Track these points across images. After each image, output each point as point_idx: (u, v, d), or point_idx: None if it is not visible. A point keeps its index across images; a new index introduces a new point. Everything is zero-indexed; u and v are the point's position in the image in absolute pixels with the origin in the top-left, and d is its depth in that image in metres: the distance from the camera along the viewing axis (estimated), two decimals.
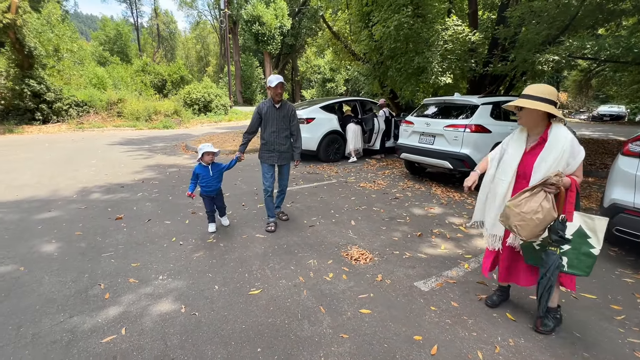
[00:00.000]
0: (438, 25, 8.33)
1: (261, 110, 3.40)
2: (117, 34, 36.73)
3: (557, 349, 1.93)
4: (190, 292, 2.43)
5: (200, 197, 3.55)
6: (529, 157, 1.96)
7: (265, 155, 3.56)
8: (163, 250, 3.08)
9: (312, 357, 1.84)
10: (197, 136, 11.35)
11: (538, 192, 1.81)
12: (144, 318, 2.13)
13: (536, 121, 1.93)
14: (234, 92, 29.20)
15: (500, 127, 5.05)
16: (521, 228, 1.82)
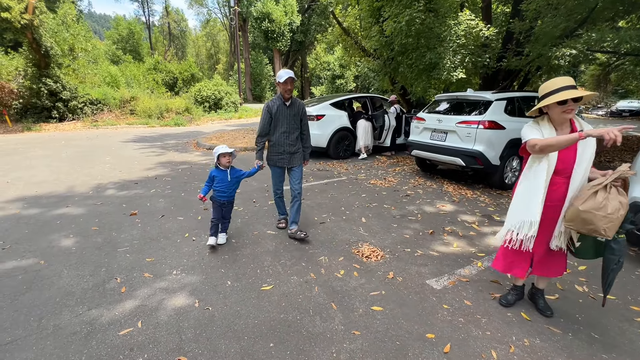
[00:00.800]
0: (450, 20, 8.18)
1: (271, 109, 3.12)
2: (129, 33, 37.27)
3: (574, 350, 1.89)
4: (204, 287, 2.47)
5: (205, 201, 3.27)
6: (566, 152, 1.88)
7: (274, 158, 3.28)
8: (176, 246, 3.14)
9: (324, 353, 1.85)
10: (208, 133, 11.47)
11: (610, 190, 1.76)
12: (159, 312, 2.18)
13: None
14: (243, 90, 29.34)
15: (515, 123, 4.94)
16: (609, 229, 1.74)
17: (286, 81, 3.01)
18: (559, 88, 1.85)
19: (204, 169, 6.34)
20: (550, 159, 1.89)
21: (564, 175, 1.90)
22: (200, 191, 3.05)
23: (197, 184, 5.29)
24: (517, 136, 4.98)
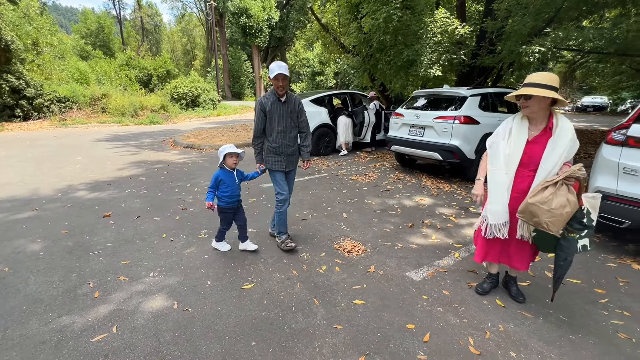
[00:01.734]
0: (427, 18, 8.33)
1: (265, 107, 2.79)
2: (98, 27, 35.59)
3: (545, 332, 1.99)
4: (183, 288, 2.41)
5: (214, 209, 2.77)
6: (533, 146, 1.96)
7: (271, 161, 2.91)
8: (153, 247, 3.04)
9: (307, 348, 1.85)
10: (185, 131, 11.16)
11: (561, 187, 1.83)
12: (135, 315, 2.11)
13: (543, 109, 1.93)
14: (222, 87, 28.76)
15: (489, 118, 5.11)
16: (552, 224, 1.82)
17: (277, 77, 2.66)
18: (525, 83, 1.94)
19: (181, 168, 6.17)
20: (506, 156, 2.03)
21: (529, 169, 1.98)
22: (206, 199, 2.68)
23: (174, 183, 5.15)
24: (491, 130, 5.14)
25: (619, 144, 2.80)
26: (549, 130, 1.93)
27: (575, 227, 1.86)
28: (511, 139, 2.03)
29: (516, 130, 2.03)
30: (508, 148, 2.02)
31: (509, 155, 2.01)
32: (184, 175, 5.66)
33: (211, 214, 3.87)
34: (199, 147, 8.33)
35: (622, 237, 3.26)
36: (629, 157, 2.70)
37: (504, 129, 2.10)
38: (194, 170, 6.03)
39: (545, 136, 1.94)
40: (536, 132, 1.98)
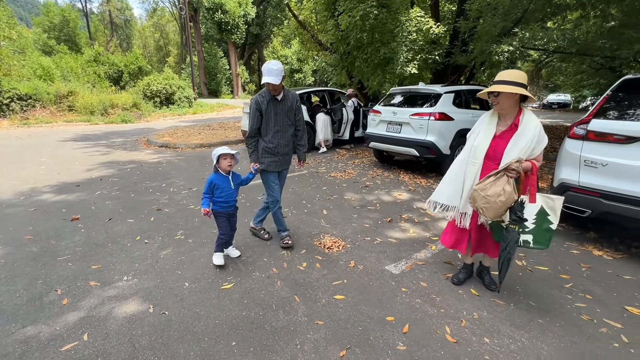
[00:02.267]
0: (402, 16, 8.47)
1: (260, 105, 2.69)
2: (63, 21, 33.59)
3: (516, 318, 2.09)
4: (159, 291, 2.33)
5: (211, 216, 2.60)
6: (499, 141, 2.06)
7: (266, 161, 2.83)
8: (127, 250, 2.92)
9: (288, 345, 1.85)
10: (160, 130, 10.79)
11: (501, 177, 1.94)
12: (108, 321, 2.02)
13: (512, 106, 2.02)
14: (198, 84, 27.98)
15: (463, 114, 5.28)
16: (486, 210, 1.96)
17: (266, 84, 2.62)
18: (495, 81, 2.02)
19: (155, 168, 5.96)
20: (474, 148, 2.14)
21: (494, 162, 2.08)
22: (202, 206, 2.51)
23: (148, 183, 4.96)
24: (465, 127, 5.33)
25: (580, 138, 2.97)
26: (515, 127, 2.02)
27: (513, 219, 1.98)
28: (481, 133, 2.14)
29: (486, 125, 2.14)
30: (476, 140, 2.14)
31: (476, 147, 2.13)
32: (158, 175, 5.47)
33: (187, 213, 3.78)
34: (174, 146, 8.08)
35: (584, 225, 3.47)
36: (589, 150, 2.87)
37: (479, 124, 2.21)
38: (169, 170, 5.85)
39: (511, 132, 2.03)
40: (504, 128, 2.07)
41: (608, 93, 3.00)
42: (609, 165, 2.73)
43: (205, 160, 6.60)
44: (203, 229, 3.38)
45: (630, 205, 2.62)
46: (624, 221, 2.76)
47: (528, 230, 2.02)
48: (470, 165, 2.15)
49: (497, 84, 1.99)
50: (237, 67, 31.75)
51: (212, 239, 3.15)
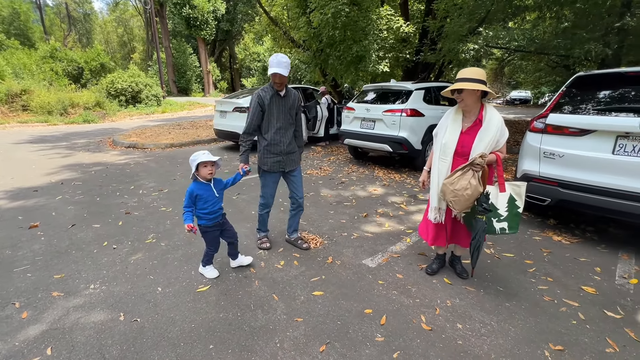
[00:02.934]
0: (373, 15, 8.59)
1: (263, 101, 2.55)
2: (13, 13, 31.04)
3: (485, 303, 2.20)
4: (129, 298, 2.23)
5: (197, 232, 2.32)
6: (466, 137, 2.15)
7: (269, 161, 2.68)
8: (93, 257, 2.77)
9: (268, 345, 1.84)
10: (126, 130, 10.28)
11: (467, 171, 2.04)
12: (74, 333, 1.90)
13: (475, 102, 2.11)
14: (166, 82, 26.89)
15: (432, 110, 5.45)
16: (455, 203, 2.07)
17: (274, 74, 2.48)
18: (457, 79, 2.11)
19: (123, 170, 5.67)
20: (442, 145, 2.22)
21: (463, 157, 2.17)
22: (184, 221, 2.20)
23: (115, 186, 4.72)
24: (435, 122, 5.47)
25: (540, 132, 3.16)
26: (480, 122, 2.12)
27: (479, 210, 2.08)
28: (448, 130, 2.22)
29: (452, 122, 2.22)
30: (444, 138, 2.22)
31: (445, 144, 2.21)
32: (126, 177, 5.21)
33: (159, 215, 3.64)
34: (142, 146, 7.73)
35: (545, 213, 3.71)
36: (548, 143, 3.07)
37: (444, 120, 2.29)
38: (137, 171, 5.59)
39: (476, 127, 2.13)
40: (469, 124, 2.17)
41: (563, 89, 3.21)
42: (565, 156, 2.93)
43: (177, 161, 6.38)
44: (176, 231, 3.27)
45: (584, 193, 2.82)
46: (579, 208, 2.98)
47: (503, 218, 2.14)
48: (441, 162, 2.24)
49: (460, 81, 2.07)
50: (208, 64, 30.84)
51: (186, 241, 3.06)
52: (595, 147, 2.78)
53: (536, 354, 1.77)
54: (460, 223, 2.34)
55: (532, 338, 1.88)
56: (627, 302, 2.21)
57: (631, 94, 2.86)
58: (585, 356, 1.76)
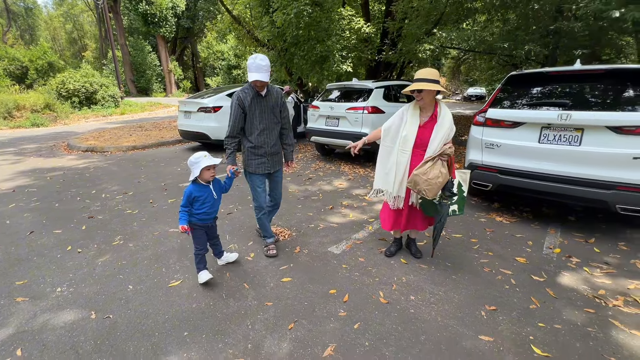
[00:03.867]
0: (335, 15, 8.84)
1: (243, 102, 2.50)
2: None
3: (435, 277, 2.49)
4: (100, 297, 2.26)
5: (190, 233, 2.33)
6: (424, 130, 2.37)
7: (253, 163, 2.65)
8: (57, 262, 2.73)
9: (240, 327, 1.98)
10: (82, 133, 9.74)
11: (437, 161, 2.28)
12: (44, 333, 1.92)
13: (432, 99, 2.34)
14: (124, 82, 25.53)
15: (392, 107, 5.79)
16: (428, 190, 2.26)
17: (255, 82, 2.45)
18: (415, 79, 2.30)
19: (82, 174, 5.45)
20: (403, 138, 2.42)
21: (422, 149, 2.40)
22: (179, 221, 2.21)
23: (75, 191, 4.56)
24: None
25: (481, 125, 3.54)
26: (435, 118, 2.36)
27: (446, 195, 2.36)
28: (407, 124, 2.42)
29: (410, 117, 2.42)
30: (404, 131, 2.42)
31: (405, 137, 2.41)
32: (86, 181, 5.03)
33: (125, 218, 3.62)
34: (102, 149, 7.41)
35: (491, 198, 4.14)
36: (488, 135, 3.45)
37: (400, 116, 2.50)
38: (98, 175, 5.40)
39: (433, 122, 2.37)
40: (426, 119, 2.39)
41: (499, 87, 3.62)
42: (502, 146, 3.33)
43: (140, 164, 6.22)
44: (144, 232, 3.28)
45: (517, 178, 3.23)
46: (515, 191, 3.40)
47: (454, 202, 2.44)
48: (401, 153, 2.43)
49: (419, 82, 2.26)
50: (169, 63, 29.66)
51: (155, 241, 3.09)
52: (525, 137, 3.19)
53: (474, 314, 2.08)
54: (416, 209, 2.58)
55: (471, 302, 2.19)
56: (550, 267, 2.60)
57: (553, 91, 3.31)
58: (513, 312, 2.09)
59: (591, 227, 3.32)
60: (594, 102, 3.05)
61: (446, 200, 2.38)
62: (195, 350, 1.81)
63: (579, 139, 2.92)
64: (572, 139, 2.95)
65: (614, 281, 2.41)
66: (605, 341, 1.85)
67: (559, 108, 3.06)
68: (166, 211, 3.84)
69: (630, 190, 2.70)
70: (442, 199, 2.36)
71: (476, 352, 1.79)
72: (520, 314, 2.08)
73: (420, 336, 1.90)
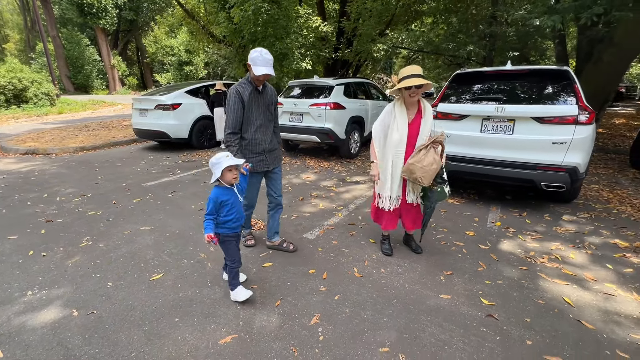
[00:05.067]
0: (293, 13, 8.98)
1: (242, 96, 2.41)
2: None
3: (401, 252, 2.81)
4: (78, 295, 2.24)
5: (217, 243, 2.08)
6: (412, 127, 2.41)
7: (252, 161, 2.52)
8: (20, 267, 2.59)
9: (229, 309, 2.11)
10: (17, 135, 8.76)
11: (430, 149, 2.33)
12: (24, 335, 1.88)
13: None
14: (58, 77, 23.13)
15: (352, 103, 6.13)
16: (424, 178, 2.32)
17: (264, 75, 2.36)
18: (406, 76, 2.28)
19: (26, 178, 5.02)
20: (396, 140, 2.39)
21: (411, 145, 2.45)
22: (205, 230, 1.96)
23: (23, 195, 4.22)
24: (356, 114, 6.21)
25: (433, 118, 3.96)
26: (420, 113, 2.42)
27: (438, 181, 2.43)
28: (398, 125, 2.40)
29: (399, 116, 2.40)
30: (397, 133, 2.40)
31: (399, 139, 2.41)
32: (34, 185, 4.66)
33: (89, 219, 3.49)
34: (45, 152, 6.80)
35: None
36: (439, 126, 3.89)
37: (389, 116, 2.45)
38: (46, 179, 5.01)
39: (419, 118, 2.42)
40: (412, 116, 2.42)
41: (447, 84, 4.09)
42: (451, 136, 3.78)
43: (94, 165, 5.86)
44: (112, 232, 3.20)
45: (464, 164, 3.71)
46: (463, 175, 3.88)
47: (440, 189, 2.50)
48: (398, 154, 2.43)
49: (413, 77, 2.24)
50: (111, 57, 27.40)
51: (128, 239, 3.05)
52: (469, 128, 3.67)
53: (435, 279, 2.42)
54: (412, 209, 2.64)
55: (432, 270, 2.54)
56: (493, 237, 3.07)
57: (490, 87, 3.83)
58: (465, 275, 2.48)
59: (524, 203, 3.91)
60: (523, 97, 3.60)
61: (436, 187, 2.44)
62: (189, 332, 1.91)
63: (511, 129, 3.45)
64: (506, 128, 3.47)
65: (541, 244, 2.93)
66: (534, 289, 2.29)
67: (495, 102, 3.57)
68: (133, 210, 3.75)
69: (551, 170, 3.27)
70: (433, 185, 2.42)
71: (438, 307, 2.12)
72: (471, 275, 2.47)
73: (391, 300, 2.19)
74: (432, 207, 2.57)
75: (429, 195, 2.52)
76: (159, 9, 28.15)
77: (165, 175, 5.18)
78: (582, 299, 2.18)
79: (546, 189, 3.40)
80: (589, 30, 6.10)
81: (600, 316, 2.03)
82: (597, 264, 2.60)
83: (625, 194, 4.13)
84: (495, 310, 2.08)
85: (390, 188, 2.53)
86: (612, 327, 1.94)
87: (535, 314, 2.04)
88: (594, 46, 6.27)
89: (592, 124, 3.23)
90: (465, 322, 1.98)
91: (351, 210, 3.76)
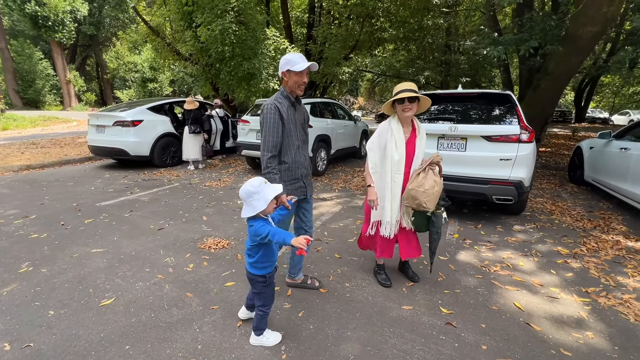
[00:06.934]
0: (260, 35, 9.17)
1: (282, 114, 2.05)
2: None
3: (365, 266, 2.85)
4: (13, 327, 2.00)
5: None
6: (409, 146, 2.26)
7: (290, 188, 2.16)
8: None
9: (187, 332, 2.00)
10: None
11: (428, 171, 2.21)
12: None
13: None
14: (4, 91, 21.45)
15: (319, 122, 6.28)
16: (428, 202, 2.15)
17: (303, 72, 2.02)
18: (400, 90, 2.20)
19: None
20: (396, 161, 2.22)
21: (407, 166, 2.29)
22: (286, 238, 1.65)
23: None
24: (322, 132, 6.35)
25: None
26: (415, 131, 2.30)
27: (440, 204, 2.28)
28: (396, 143, 2.23)
29: (397, 134, 2.23)
30: (397, 154, 2.22)
31: (399, 160, 2.24)
32: None
33: (30, 243, 3.20)
34: None
35: None
36: None
37: (386, 134, 2.26)
38: None
39: (414, 137, 2.29)
40: (408, 134, 2.29)
41: None
42: None
43: (40, 184, 5.41)
44: (58, 255, 2.94)
45: None
46: None
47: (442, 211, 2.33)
48: (397, 175, 2.26)
49: (409, 92, 2.15)
50: (67, 72, 25.97)
51: (74, 263, 2.82)
52: (427, 146, 3.88)
53: (397, 290, 2.48)
54: (410, 236, 2.46)
55: (394, 282, 2.59)
56: (451, 249, 3.22)
57: (445, 108, 4.13)
58: (426, 285, 2.56)
59: (479, 216, 4.17)
60: (473, 117, 3.92)
61: (439, 211, 2.29)
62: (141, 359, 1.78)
63: (464, 146, 3.71)
64: (459, 146, 3.73)
65: (494, 254, 3.12)
66: (489, 296, 2.42)
67: (450, 122, 3.85)
68: (83, 232, 3.49)
69: (499, 184, 3.54)
70: (437, 209, 2.27)
71: (400, 318, 2.16)
72: (431, 286, 2.55)
73: (355, 313, 2.20)
74: (439, 232, 2.36)
75: (433, 220, 2.32)
76: (121, 25, 27.45)
77: (123, 195, 4.90)
78: (531, 304, 2.33)
79: (497, 201, 3.66)
80: (528, 61, 6.86)
81: (546, 318, 2.17)
82: (543, 270, 2.81)
83: (565, 206, 4.55)
84: (453, 318, 2.16)
85: (390, 213, 2.31)
86: (557, 327, 2.08)
87: (490, 320, 2.15)
88: (533, 75, 7.03)
89: (533, 142, 3.57)
90: (426, 332, 2.03)
91: (317, 227, 3.77)
